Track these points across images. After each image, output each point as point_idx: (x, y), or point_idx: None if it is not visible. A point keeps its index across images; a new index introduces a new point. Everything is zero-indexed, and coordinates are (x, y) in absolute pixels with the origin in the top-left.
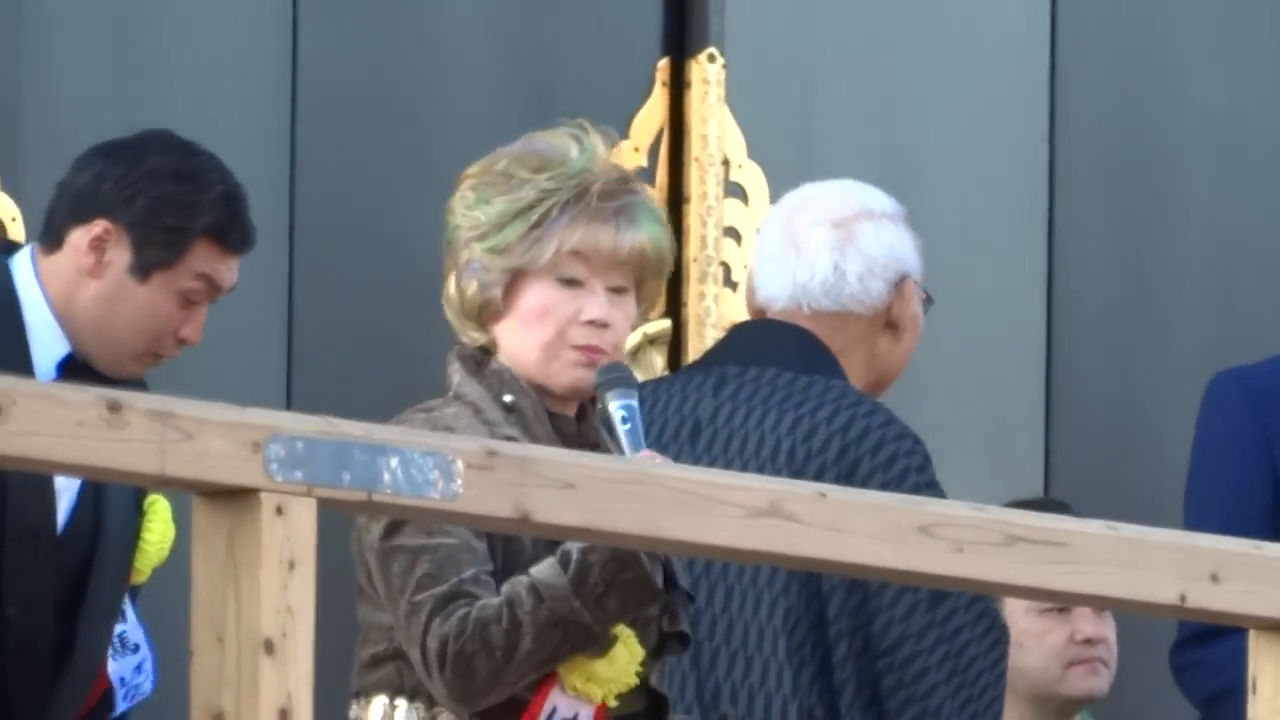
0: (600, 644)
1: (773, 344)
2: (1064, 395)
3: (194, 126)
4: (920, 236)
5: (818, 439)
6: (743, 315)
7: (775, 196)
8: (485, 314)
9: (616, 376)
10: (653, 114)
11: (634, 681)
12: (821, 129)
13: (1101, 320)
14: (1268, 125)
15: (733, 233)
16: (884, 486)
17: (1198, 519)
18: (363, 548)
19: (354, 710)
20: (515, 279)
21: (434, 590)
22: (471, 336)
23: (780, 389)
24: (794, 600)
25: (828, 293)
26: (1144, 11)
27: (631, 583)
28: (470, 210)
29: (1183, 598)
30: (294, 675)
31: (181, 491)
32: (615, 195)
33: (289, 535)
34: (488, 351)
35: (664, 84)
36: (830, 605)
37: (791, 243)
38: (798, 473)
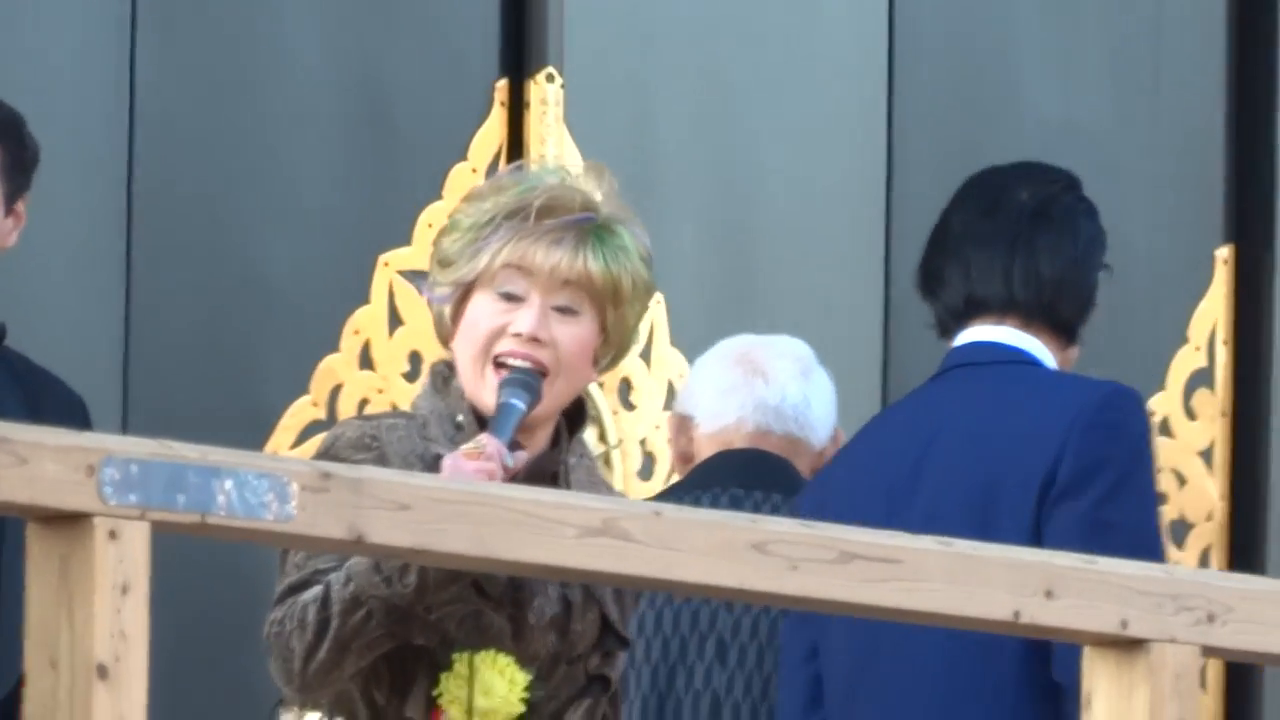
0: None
1: (762, 469)
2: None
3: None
4: (759, 252)
5: None
6: None
7: None
8: (441, 332)
9: (520, 378)
10: (491, 134)
11: (518, 710)
12: (660, 149)
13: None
14: (1103, 137)
15: None
16: None
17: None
18: None
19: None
20: (464, 296)
21: (290, 579)
22: (445, 354)
23: None
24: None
25: (796, 417)
26: (981, 26)
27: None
28: (442, 235)
29: (1016, 614)
30: (127, 700)
31: (16, 517)
32: (557, 213)
33: (122, 559)
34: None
35: (502, 104)
36: None
37: (755, 372)
38: None
